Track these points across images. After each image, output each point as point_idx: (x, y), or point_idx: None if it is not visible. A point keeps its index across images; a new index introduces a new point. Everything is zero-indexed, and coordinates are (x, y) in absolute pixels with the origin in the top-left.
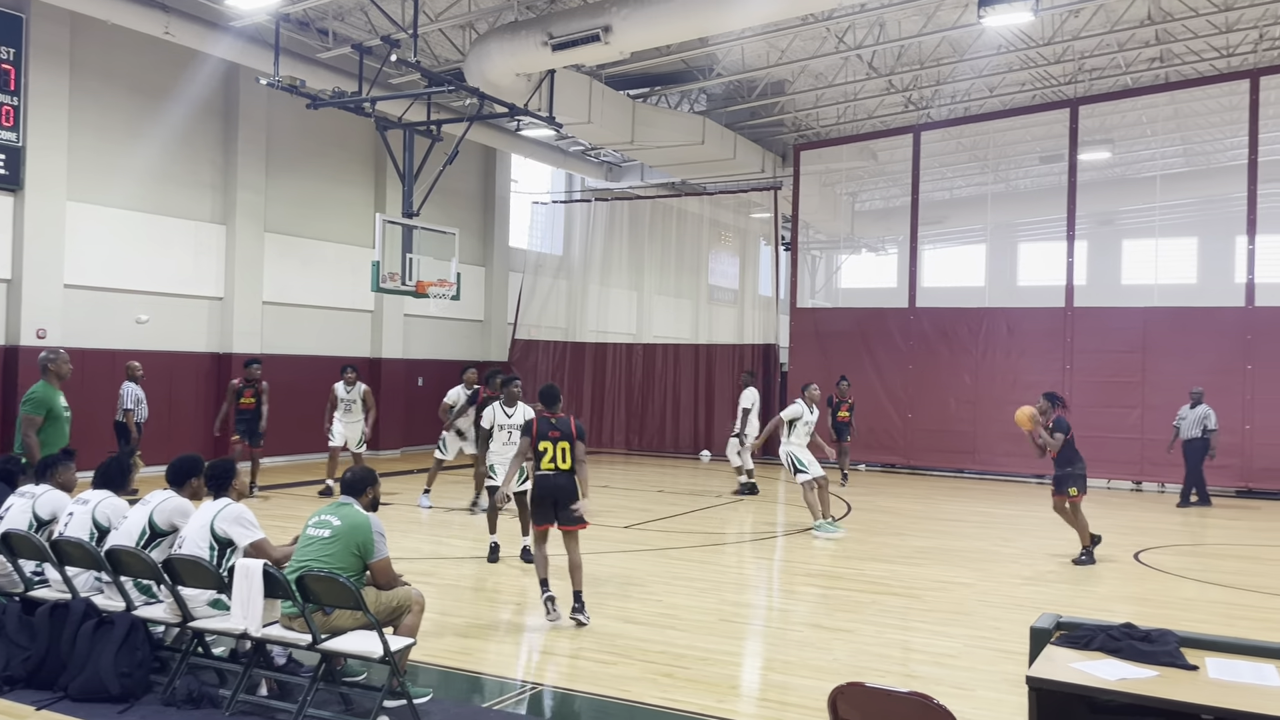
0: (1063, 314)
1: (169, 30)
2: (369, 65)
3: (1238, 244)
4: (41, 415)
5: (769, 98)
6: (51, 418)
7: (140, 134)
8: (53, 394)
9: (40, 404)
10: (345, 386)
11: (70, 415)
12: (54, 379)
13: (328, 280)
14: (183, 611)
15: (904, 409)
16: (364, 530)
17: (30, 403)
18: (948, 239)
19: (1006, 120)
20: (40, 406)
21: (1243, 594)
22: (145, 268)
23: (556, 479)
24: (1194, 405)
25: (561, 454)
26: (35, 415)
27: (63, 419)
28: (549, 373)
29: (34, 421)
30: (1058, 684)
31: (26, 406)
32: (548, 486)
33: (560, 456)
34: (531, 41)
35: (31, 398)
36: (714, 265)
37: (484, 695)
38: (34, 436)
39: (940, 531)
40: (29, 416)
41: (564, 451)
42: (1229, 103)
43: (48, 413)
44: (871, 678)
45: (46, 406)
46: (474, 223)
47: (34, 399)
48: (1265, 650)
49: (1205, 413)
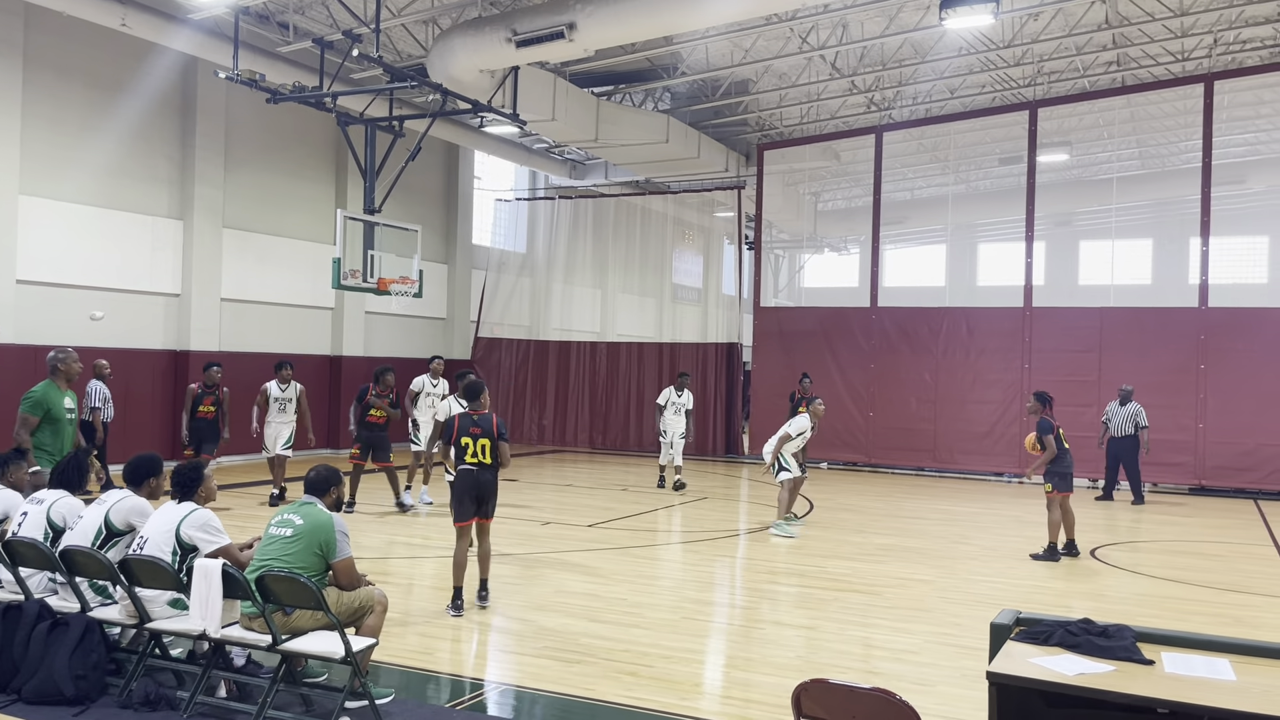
0: (1021, 314)
1: (125, 22)
2: (330, 60)
3: (1192, 246)
4: (38, 416)
5: (733, 97)
6: (50, 419)
7: (95, 127)
8: (54, 395)
9: (37, 404)
10: (280, 385)
11: (74, 417)
12: (62, 380)
13: (288, 277)
14: (140, 612)
15: (866, 407)
16: (326, 529)
17: (26, 402)
18: (909, 239)
19: (967, 122)
20: (37, 407)
21: (1197, 589)
22: (100, 263)
23: (479, 474)
24: (1123, 403)
25: (482, 450)
26: (31, 416)
27: (64, 421)
28: (513, 371)
29: (28, 422)
30: (1017, 679)
31: (23, 406)
32: (469, 481)
33: (481, 452)
34: (495, 38)
35: (29, 397)
36: (678, 264)
37: (447, 695)
38: (25, 437)
39: (901, 529)
40: (24, 416)
41: (484, 448)
42: (1184, 106)
43: (46, 414)
44: (833, 674)
45: (45, 408)
46: (437, 220)
47: (31, 399)
48: (1219, 645)
49: (1136, 410)
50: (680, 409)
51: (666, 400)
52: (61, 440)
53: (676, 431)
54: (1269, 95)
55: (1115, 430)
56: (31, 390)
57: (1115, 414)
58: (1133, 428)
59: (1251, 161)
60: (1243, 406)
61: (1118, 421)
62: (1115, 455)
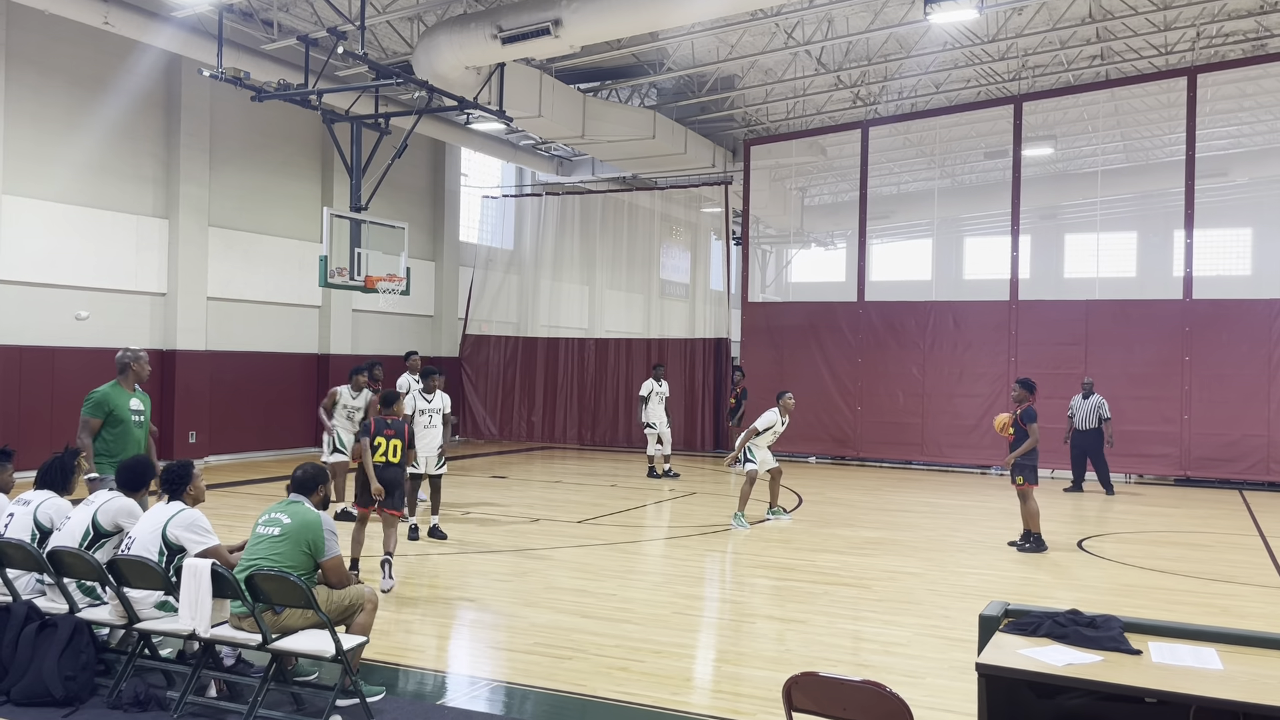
0: (1007, 307)
1: (108, 20)
2: (315, 57)
3: (1176, 238)
4: (100, 418)
5: (719, 93)
6: (114, 421)
7: (79, 126)
8: (119, 396)
9: (99, 406)
10: (353, 392)
11: (143, 420)
12: (131, 380)
13: (274, 275)
14: (128, 613)
15: (853, 402)
16: (315, 528)
17: (89, 404)
18: (895, 234)
19: (952, 116)
20: (99, 409)
21: (1183, 579)
22: (84, 263)
23: (386, 471)
24: (1086, 396)
25: (393, 450)
26: (93, 418)
27: (129, 423)
28: (501, 368)
29: (90, 425)
30: (1006, 670)
31: (85, 408)
32: (380, 477)
33: (392, 451)
34: (481, 34)
35: (90, 398)
36: (665, 260)
37: (438, 692)
38: (87, 440)
39: (890, 522)
40: (86, 419)
41: (395, 448)
42: (1167, 100)
43: (108, 416)
44: (824, 667)
45: (106, 409)
46: (423, 217)
47: (92, 400)
48: (1205, 634)
49: (1099, 403)
50: (663, 398)
51: (650, 391)
52: (127, 444)
53: (665, 421)
54: (1251, 88)
55: (1080, 423)
56: (94, 391)
57: (1079, 407)
58: (1096, 420)
59: (1235, 154)
60: (1227, 398)
61: (1082, 415)
62: (1081, 448)
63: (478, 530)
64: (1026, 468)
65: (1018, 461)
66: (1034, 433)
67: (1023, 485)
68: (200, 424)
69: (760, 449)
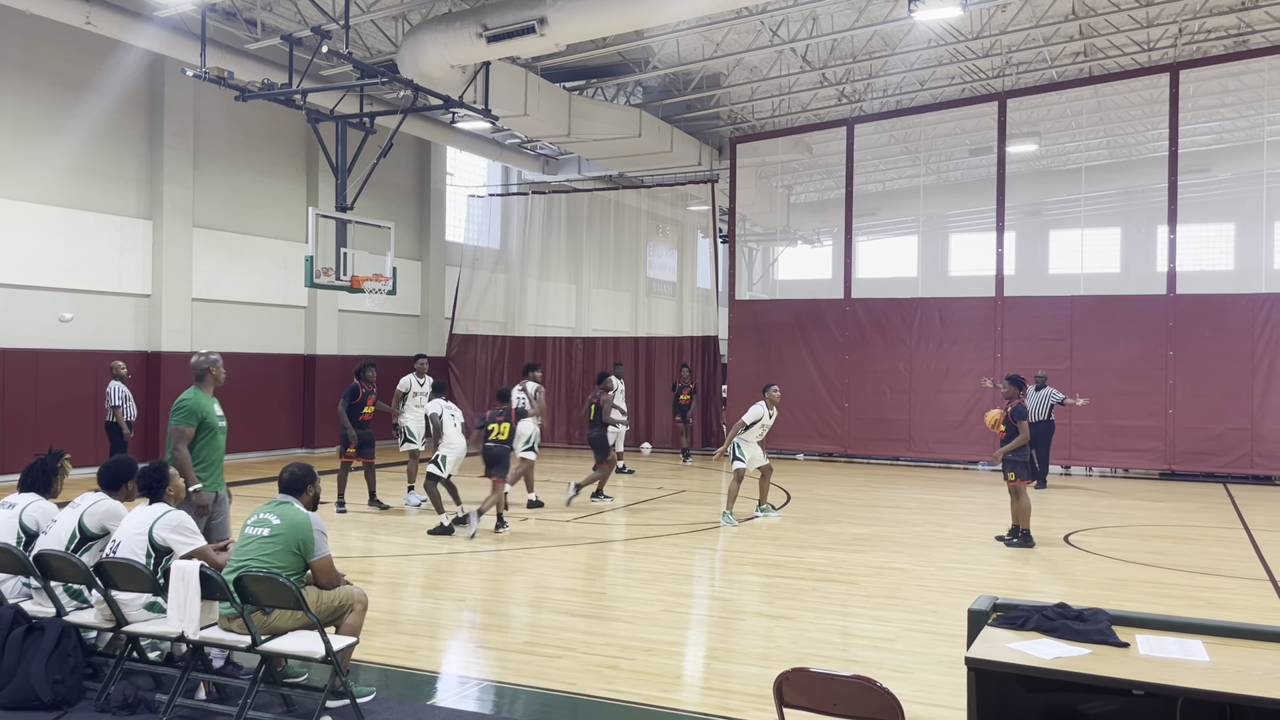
0: (993, 303)
1: (90, 20)
2: (299, 57)
3: (1159, 234)
4: (193, 426)
5: (704, 91)
6: (205, 428)
7: (61, 127)
8: (206, 402)
9: (191, 414)
10: (419, 380)
11: (226, 425)
12: (210, 385)
13: (260, 276)
14: (116, 616)
15: (841, 398)
16: (304, 528)
17: (180, 412)
18: (881, 230)
19: (937, 113)
20: (191, 417)
21: (1169, 573)
22: (68, 264)
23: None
24: (1039, 388)
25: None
26: (186, 426)
27: (218, 429)
28: (488, 367)
29: (185, 434)
30: (995, 664)
31: (176, 416)
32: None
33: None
34: (466, 33)
35: (182, 406)
36: (652, 258)
37: (428, 692)
38: (185, 451)
39: (877, 518)
40: (179, 428)
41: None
42: (1150, 96)
43: (200, 423)
44: (813, 663)
45: (199, 417)
46: (409, 216)
47: (184, 408)
48: (1192, 626)
49: (1049, 394)
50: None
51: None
52: (218, 450)
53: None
54: (1233, 84)
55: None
56: (182, 398)
57: (1030, 398)
58: (1047, 412)
59: (1217, 150)
60: (1211, 392)
61: (1032, 407)
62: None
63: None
64: (1019, 464)
65: (1010, 458)
66: (1024, 430)
67: (1015, 481)
68: None
69: (750, 446)
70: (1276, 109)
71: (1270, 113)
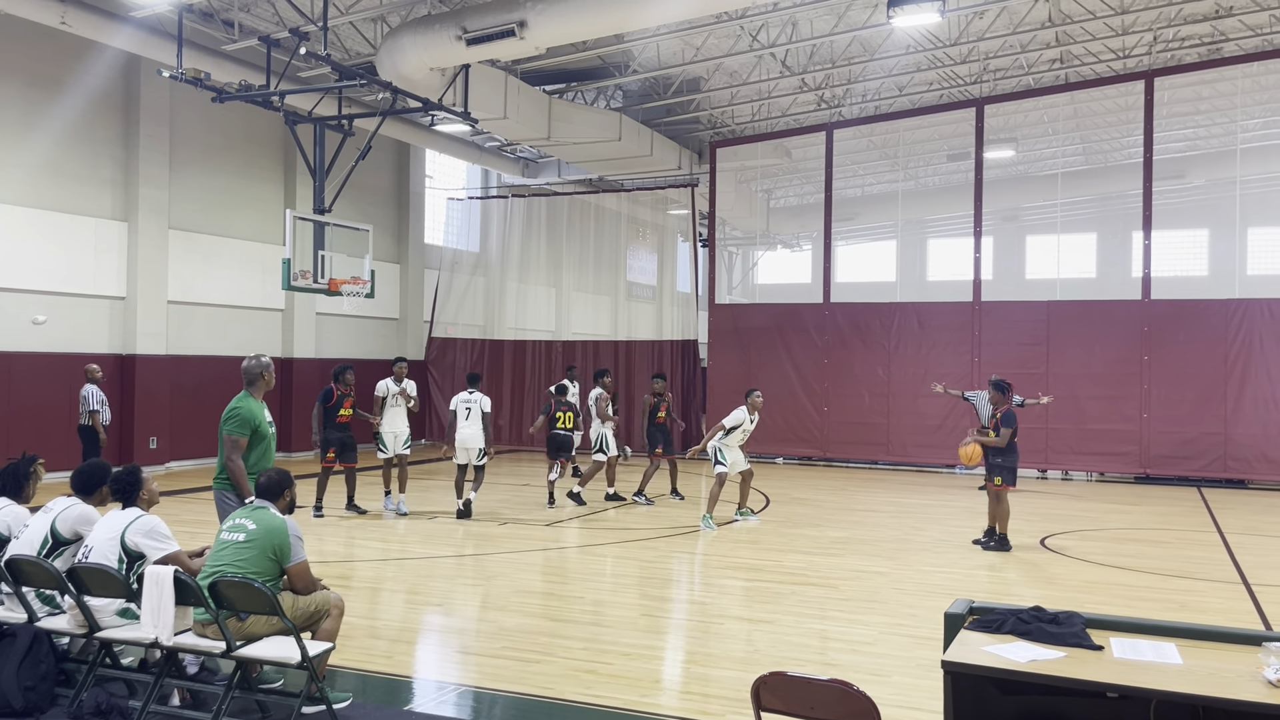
0: (970, 308)
1: (65, 20)
2: (277, 58)
3: (1134, 239)
4: (247, 435)
5: (684, 95)
6: (258, 436)
7: (35, 127)
8: (258, 409)
9: (245, 423)
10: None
11: (275, 431)
12: (260, 390)
13: (236, 278)
14: (89, 622)
15: (820, 402)
16: (280, 533)
17: (233, 421)
18: (860, 235)
19: (915, 119)
20: (245, 425)
21: (1143, 576)
22: (41, 266)
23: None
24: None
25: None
26: (240, 436)
27: (269, 437)
28: (467, 370)
29: (239, 444)
30: (972, 667)
31: (229, 425)
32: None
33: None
34: (445, 35)
35: (234, 415)
36: (632, 262)
37: (405, 698)
38: (240, 462)
39: (856, 522)
40: (233, 438)
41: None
42: (1125, 103)
43: (253, 431)
44: (791, 667)
45: (252, 425)
46: (388, 219)
47: (237, 416)
48: (1165, 629)
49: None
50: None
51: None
52: (268, 458)
53: None
54: (1207, 91)
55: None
56: (234, 407)
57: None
58: None
59: (1191, 156)
60: (1185, 396)
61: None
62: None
63: (444, 533)
64: (1005, 469)
65: (997, 463)
66: (1004, 435)
67: (1000, 486)
68: (161, 429)
69: (731, 450)
70: (1250, 116)
71: (1243, 120)
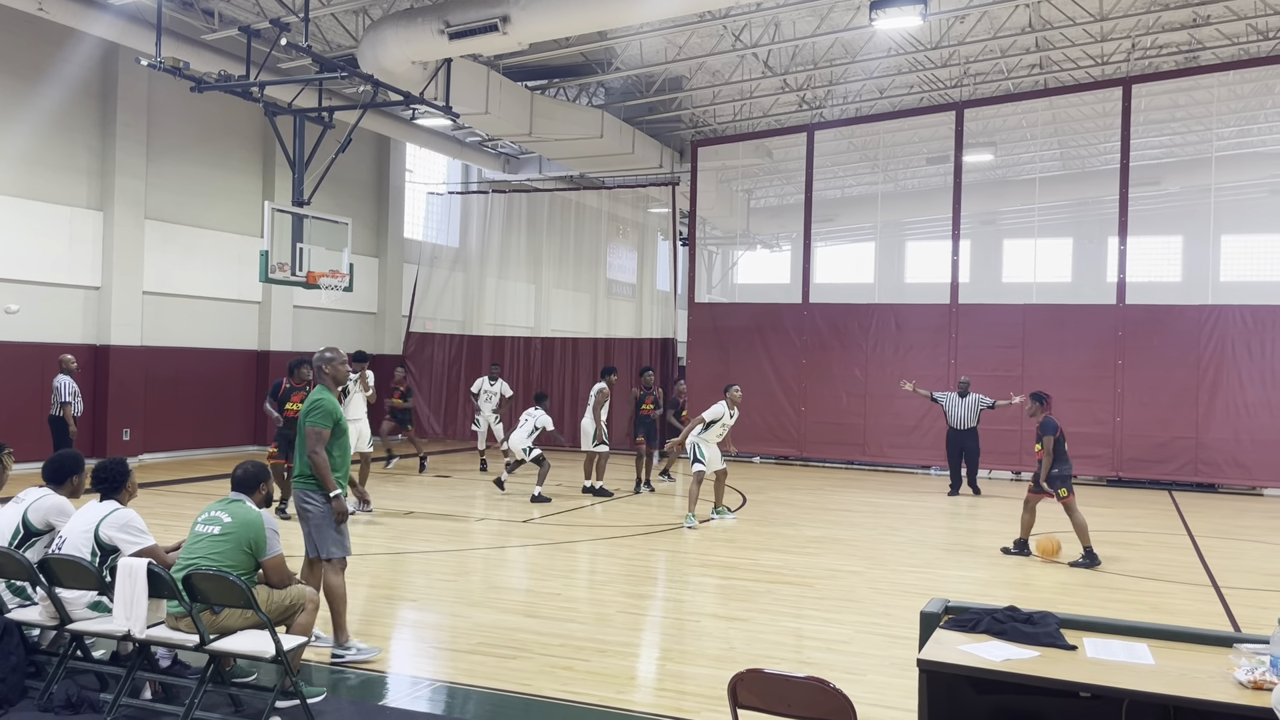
0: (948, 310)
1: (43, 8)
2: (257, 49)
3: (1110, 245)
4: (329, 428)
5: (667, 93)
6: (339, 430)
7: (11, 116)
8: (335, 401)
9: (328, 414)
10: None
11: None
12: (330, 384)
13: (213, 270)
14: (60, 613)
15: (798, 402)
16: (256, 527)
17: (317, 413)
18: (839, 236)
19: (895, 121)
20: (328, 418)
21: (1116, 578)
22: (14, 255)
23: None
24: (963, 394)
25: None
26: (323, 428)
27: (347, 431)
28: (445, 366)
29: (323, 436)
30: (946, 666)
31: (313, 418)
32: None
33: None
34: (428, 29)
35: (317, 407)
36: (612, 259)
37: (379, 693)
38: (324, 454)
39: (832, 521)
40: (316, 430)
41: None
42: (1103, 109)
43: (335, 424)
44: (767, 665)
45: (334, 417)
46: (367, 213)
47: (320, 408)
48: (1137, 630)
49: (977, 400)
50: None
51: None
52: (347, 451)
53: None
54: (1183, 99)
55: (956, 423)
56: (317, 399)
57: (955, 406)
58: (975, 419)
59: (1167, 163)
60: (1158, 401)
61: (959, 414)
62: (958, 447)
63: (420, 529)
64: (1062, 478)
65: (1054, 474)
66: (1046, 445)
67: (1067, 498)
68: (134, 421)
69: (710, 446)
70: (1225, 124)
71: (1219, 128)
